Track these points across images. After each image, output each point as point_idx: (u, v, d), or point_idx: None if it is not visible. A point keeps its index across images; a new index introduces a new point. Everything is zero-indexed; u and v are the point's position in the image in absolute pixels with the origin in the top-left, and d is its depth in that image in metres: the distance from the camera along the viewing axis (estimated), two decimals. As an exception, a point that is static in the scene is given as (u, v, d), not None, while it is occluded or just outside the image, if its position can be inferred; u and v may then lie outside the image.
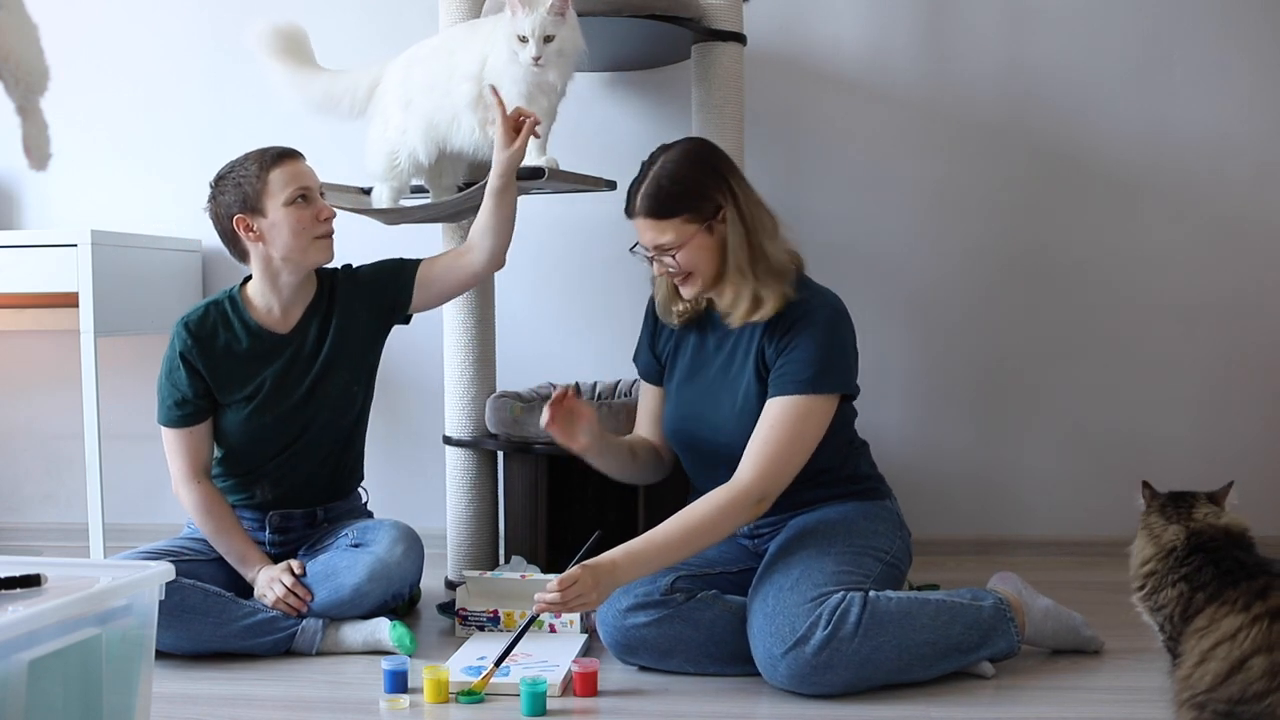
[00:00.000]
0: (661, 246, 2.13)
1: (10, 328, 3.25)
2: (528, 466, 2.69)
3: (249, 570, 2.36)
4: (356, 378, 2.47)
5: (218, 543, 2.38)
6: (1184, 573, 1.66)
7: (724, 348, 2.23)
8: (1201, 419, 3.09)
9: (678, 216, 2.11)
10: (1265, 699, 1.50)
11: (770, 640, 1.99)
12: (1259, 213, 3.07)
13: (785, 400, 2.09)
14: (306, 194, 2.32)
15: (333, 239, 2.38)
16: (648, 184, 2.13)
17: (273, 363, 2.39)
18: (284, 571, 2.31)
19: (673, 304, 2.27)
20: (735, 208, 2.13)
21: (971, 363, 3.15)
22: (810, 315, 2.13)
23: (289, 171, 2.32)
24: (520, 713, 1.93)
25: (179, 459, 2.40)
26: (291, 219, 2.31)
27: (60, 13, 3.04)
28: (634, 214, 2.15)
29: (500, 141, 2.30)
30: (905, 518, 2.31)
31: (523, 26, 2.31)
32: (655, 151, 2.18)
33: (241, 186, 2.31)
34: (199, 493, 2.38)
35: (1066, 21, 3.08)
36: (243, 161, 2.34)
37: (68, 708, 1.44)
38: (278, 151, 2.34)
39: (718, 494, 2.07)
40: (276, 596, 2.28)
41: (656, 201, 2.11)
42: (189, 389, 2.36)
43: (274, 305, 2.40)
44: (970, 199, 3.13)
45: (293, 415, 2.40)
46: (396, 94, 2.55)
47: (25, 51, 1.95)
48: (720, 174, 2.15)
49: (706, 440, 2.22)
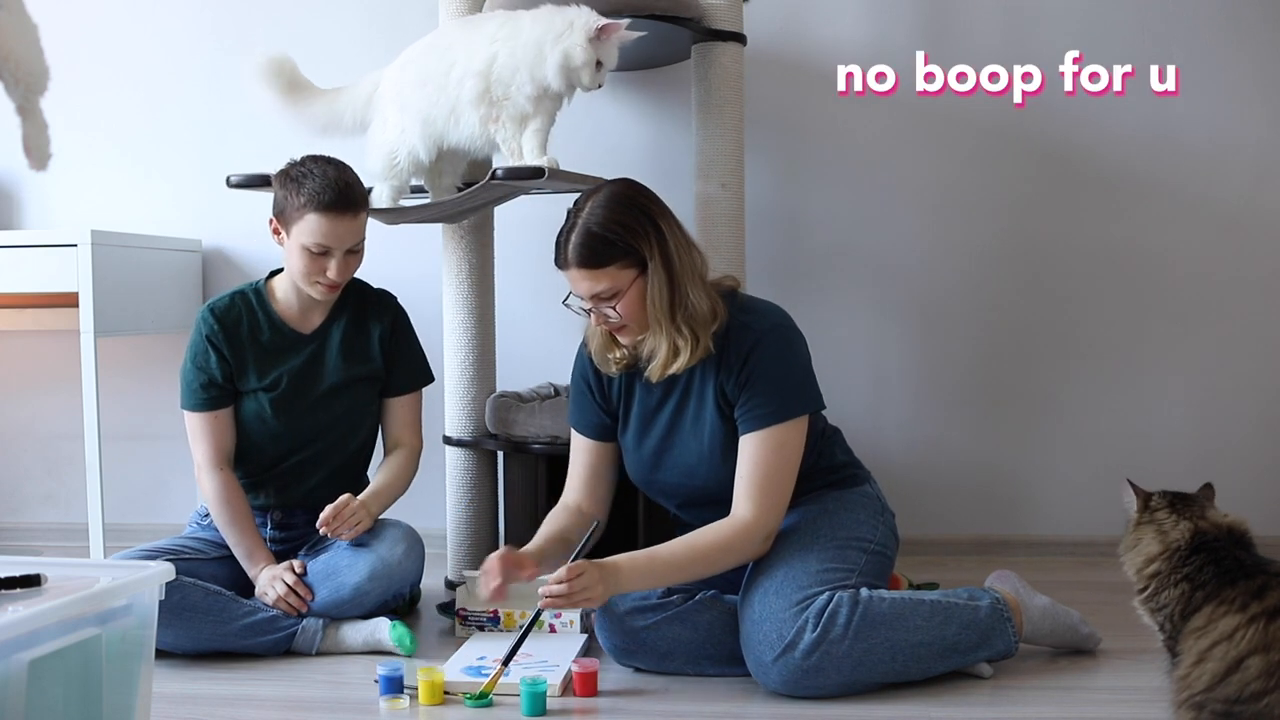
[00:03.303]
0: (598, 296, 2.04)
1: (10, 328, 3.25)
2: (528, 466, 2.69)
3: (253, 567, 2.36)
4: (373, 398, 2.49)
5: (229, 534, 2.37)
6: (1185, 572, 1.66)
7: (675, 391, 2.16)
8: (1201, 419, 3.09)
9: (611, 265, 2.02)
10: (1262, 699, 1.50)
11: (760, 647, 1.98)
12: (1259, 213, 3.07)
13: (759, 435, 2.05)
14: (326, 251, 2.30)
15: (336, 291, 2.37)
16: (577, 233, 2.02)
17: (291, 360, 2.41)
18: (285, 571, 2.31)
19: (609, 351, 2.17)
20: (661, 253, 2.03)
21: (971, 363, 3.15)
22: (761, 343, 2.08)
23: (325, 225, 2.28)
24: (520, 713, 1.93)
25: (203, 444, 2.39)
26: (301, 260, 2.32)
27: (60, 13, 3.03)
28: (565, 265, 2.05)
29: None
30: (905, 518, 2.31)
31: (608, 56, 2.33)
32: (579, 199, 2.08)
33: (286, 199, 2.31)
34: (220, 480, 2.37)
35: (1067, 21, 3.07)
36: (304, 176, 2.30)
37: (68, 708, 1.44)
38: (331, 200, 2.27)
39: (723, 527, 2.05)
40: (278, 595, 2.28)
41: (588, 250, 2.01)
42: (217, 371, 2.38)
43: (294, 303, 2.43)
44: (970, 199, 3.13)
45: (307, 418, 2.41)
46: (393, 95, 2.56)
47: (25, 51, 1.95)
48: (649, 216, 2.05)
49: (681, 485, 2.18)
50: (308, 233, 2.29)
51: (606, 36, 2.32)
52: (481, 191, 2.47)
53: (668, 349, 2.07)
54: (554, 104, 2.43)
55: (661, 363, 2.08)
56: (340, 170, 2.33)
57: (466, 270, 2.77)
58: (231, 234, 3.30)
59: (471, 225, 2.77)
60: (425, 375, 2.57)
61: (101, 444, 2.84)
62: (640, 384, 2.19)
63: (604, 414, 2.24)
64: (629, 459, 2.24)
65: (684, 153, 2.96)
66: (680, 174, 3.04)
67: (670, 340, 2.06)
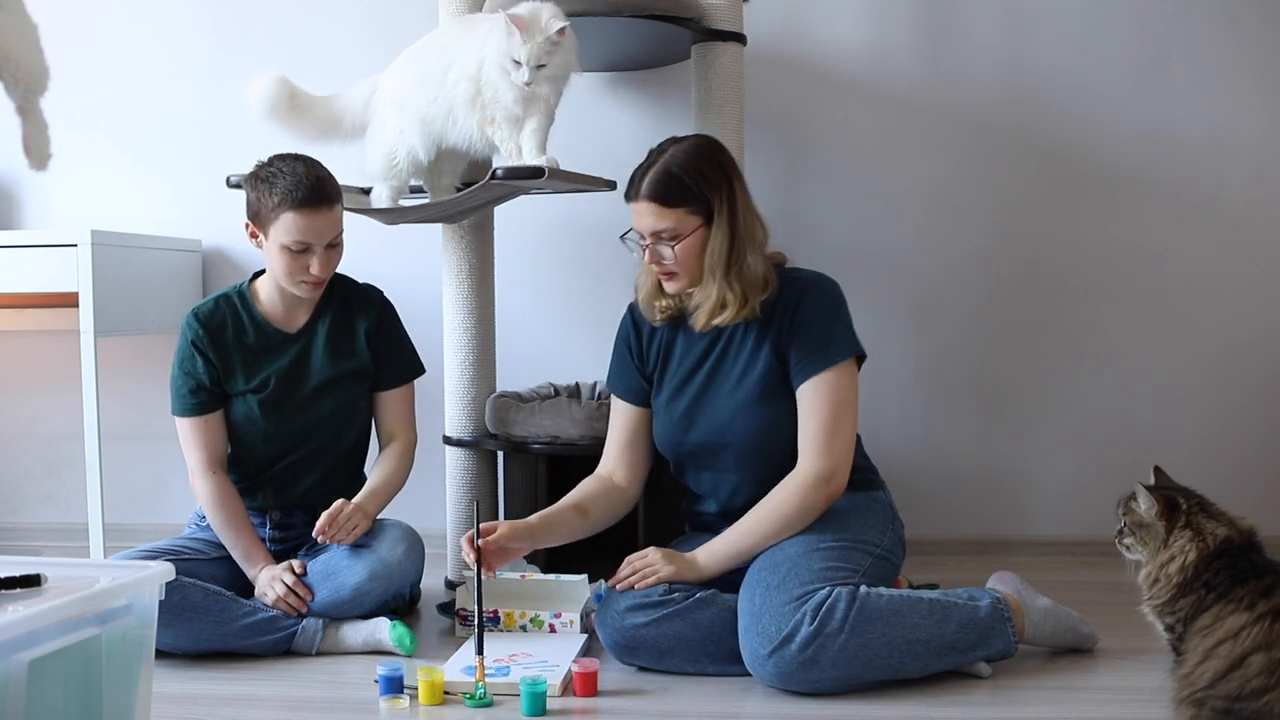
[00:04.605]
0: (658, 234, 2.14)
1: (10, 328, 3.25)
2: (528, 466, 2.69)
3: (252, 568, 2.36)
4: (362, 393, 2.49)
5: (225, 536, 2.37)
6: (1205, 578, 1.63)
7: (718, 345, 2.24)
8: (1202, 419, 3.09)
9: (681, 207, 2.13)
10: (1263, 696, 1.50)
11: (756, 640, 1.99)
12: (1259, 213, 3.07)
13: (812, 383, 2.14)
14: (307, 247, 2.30)
15: (320, 287, 2.37)
16: (656, 170, 2.14)
17: (278, 360, 2.41)
18: (285, 571, 2.31)
19: (655, 299, 2.27)
20: (730, 210, 2.14)
21: (971, 362, 3.15)
22: (808, 292, 2.19)
23: (301, 222, 2.27)
24: (520, 713, 1.93)
25: (196, 449, 2.39)
26: (282, 260, 2.32)
27: (60, 13, 3.04)
28: (636, 197, 2.15)
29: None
30: (906, 517, 2.31)
31: (519, 52, 2.31)
32: (665, 142, 2.20)
33: (259, 200, 2.30)
34: (213, 483, 2.37)
35: (1067, 21, 3.08)
36: (274, 176, 2.29)
37: (68, 708, 1.44)
38: (304, 197, 2.26)
39: (786, 484, 2.13)
40: (277, 595, 2.28)
41: (664, 187, 2.13)
42: (205, 375, 2.38)
43: (279, 303, 2.43)
44: (970, 199, 3.13)
45: (297, 417, 2.41)
46: (391, 95, 2.56)
47: (25, 51, 1.94)
48: (726, 174, 2.17)
49: (709, 445, 2.22)
50: (285, 232, 2.28)
51: (513, 30, 2.30)
52: (481, 191, 2.47)
53: (715, 300, 2.16)
54: (545, 104, 2.42)
55: (708, 311, 2.17)
56: (310, 165, 2.32)
57: (466, 270, 2.77)
58: (231, 234, 3.30)
59: (471, 225, 2.77)
60: (415, 367, 2.56)
61: (101, 444, 2.84)
62: (682, 339, 2.28)
63: (641, 377, 2.33)
64: (660, 423, 2.30)
65: (684, 153, 2.96)
66: (680, 174, 3.05)
67: (720, 294, 2.15)
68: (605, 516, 2.32)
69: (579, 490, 2.31)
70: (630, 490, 2.34)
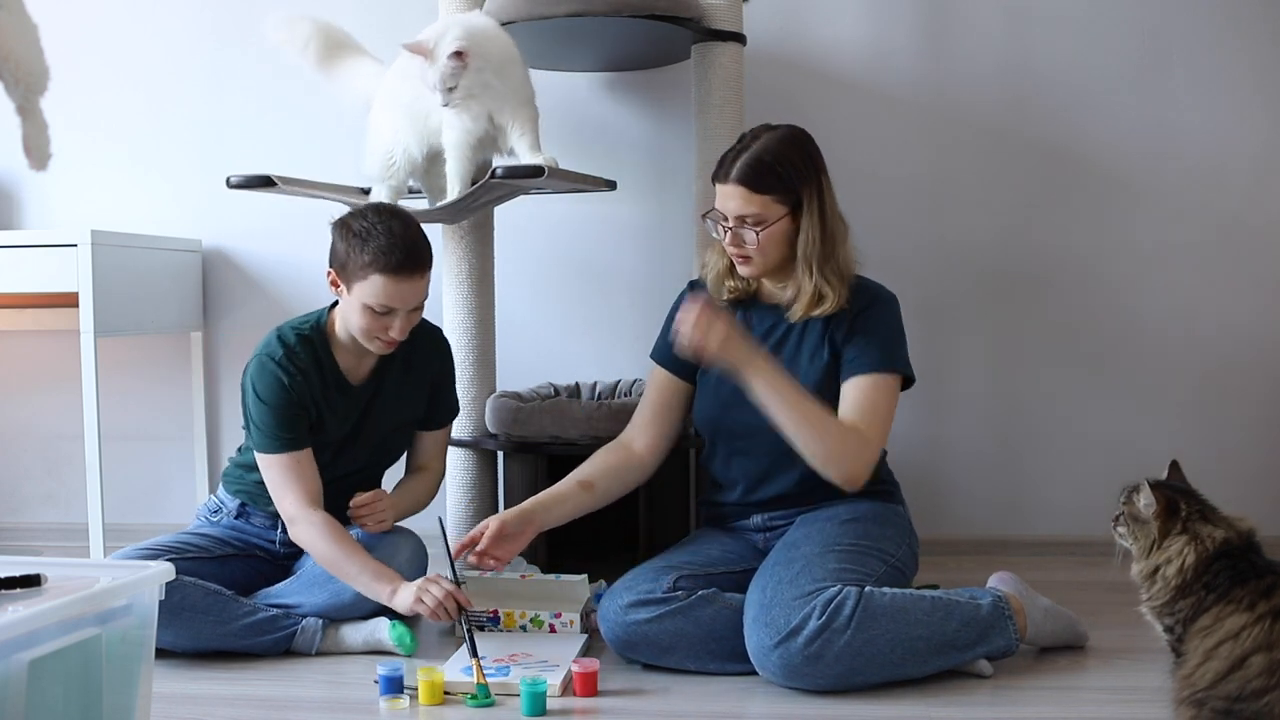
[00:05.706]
0: (743, 218, 2.15)
1: (10, 328, 3.25)
2: (528, 466, 2.69)
3: (386, 587, 2.20)
4: (411, 435, 2.50)
5: (347, 568, 2.21)
6: (1206, 579, 1.63)
7: (778, 330, 2.26)
8: (1201, 419, 3.09)
9: (769, 194, 2.14)
10: (1263, 696, 1.50)
11: (763, 632, 1.99)
12: (1259, 214, 3.07)
13: (862, 379, 2.17)
14: (389, 311, 2.22)
15: (395, 346, 2.29)
16: (749, 154, 2.15)
17: (344, 413, 2.36)
18: (433, 581, 2.19)
19: (726, 280, 2.29)
20: (819, 203, 2.17)
21: (971, 363, 3.15)
22: (878, 300, 2.24)
23: (390, 288, 2.17)
24: (520, 713, 1.93)
25: (294, 488, 2.25)
26: (364, 319, 2.23)
27: (60, 13, 3.04)
28: (726, 180, 2.16)
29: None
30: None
31: (428, 79, 2.35)
32: (758, 128, 2.21)
33: (349, 254, 2.20)
34: (319, 519, 2.23)
35: (1066, 21, 3.08)
36: (368, 233, 2.18)
37: (68, 708, 1.44)
38: (398, 262, 2.16)
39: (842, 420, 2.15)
40: (435, 600, 2.14)
41: (755, 173, 2.13)
42: (297, 409, 2.27)
43: (350, 349, 2.35)
44: (970, 199, 3.13)
45: (345, 461, 2.39)
46: (386, 96, 2.56)
47: (25, 51, 1.94)
48: (816, 168, 2.20)
49: (750, 425, 2.18)
50: (371, 294, 2.18)
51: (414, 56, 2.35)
52: (481, 191, 2.47)
53: (812, 292, 2.18)
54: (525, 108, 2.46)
55: (805, 304, 2.20)
56: (407, 226, 2.21)
57: (466, 270, 2.77)
58: (231, 234, 3.30)
59: (471, 225, 2.77)
60: (457, 409, 2.57)
61: (101, 444, 2.84)
62: (741, 319, 2.28)
63: None
64: (704, 399, 2.31)
65: (684, 153, 2.96)
66: (680, 174, 3.05)
67: (817, 286, 2.18)
68: (615, 488, 2.32)
69: (588, 464, 2.32)
70: (647, 459, 2.35)
